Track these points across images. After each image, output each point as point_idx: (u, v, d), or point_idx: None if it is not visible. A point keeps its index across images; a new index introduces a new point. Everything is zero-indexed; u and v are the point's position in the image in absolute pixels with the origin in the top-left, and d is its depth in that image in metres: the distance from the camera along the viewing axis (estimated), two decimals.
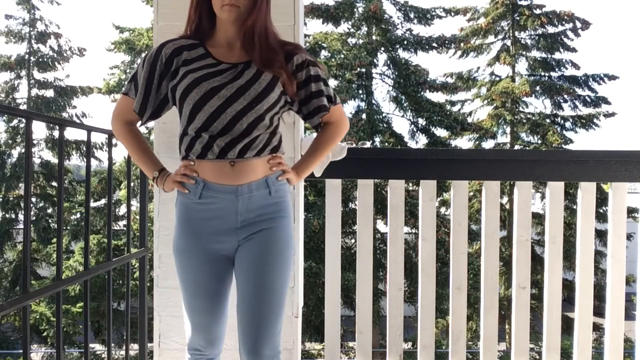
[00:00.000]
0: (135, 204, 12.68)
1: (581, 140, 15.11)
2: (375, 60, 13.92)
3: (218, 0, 1.57)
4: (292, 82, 1.61)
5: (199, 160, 1.57)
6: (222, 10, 1.56)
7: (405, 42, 14.07)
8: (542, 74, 15.27)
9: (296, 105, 1.67)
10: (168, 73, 1.63)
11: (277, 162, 1.61)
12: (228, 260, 1.59)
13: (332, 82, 13.08)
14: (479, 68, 15.71)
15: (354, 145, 2.24)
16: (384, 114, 13.85)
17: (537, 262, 9.42)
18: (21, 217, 14.67)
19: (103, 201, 14.15)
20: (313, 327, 11.44)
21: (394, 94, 14.16)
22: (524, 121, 15.06)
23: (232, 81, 1.56)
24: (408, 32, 14.28)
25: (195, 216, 1.58)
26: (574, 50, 15.24)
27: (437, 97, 14.90)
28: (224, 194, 1.55)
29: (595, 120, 15.09)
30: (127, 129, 1.69)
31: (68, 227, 13.94)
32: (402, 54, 14.18)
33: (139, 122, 1.70)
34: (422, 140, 14.19)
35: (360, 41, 14.07)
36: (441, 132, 14.42)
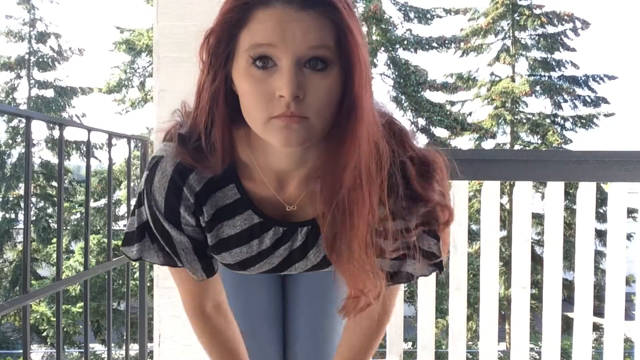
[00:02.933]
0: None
1: (581, 140, 15.12)
2: (375, 60, 13.92)
3: (260, 108, 0.86)
4: None
5: None
6: (272, 129, 0.86)
7: (405, 42, 14.07)
8: (542, 74, 15.27)
9: None
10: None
11: None
12: None
13: None
14: (478, 68, 15.71)
15: None
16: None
17: (537, 262, 9.42)
18: (21, 217, 14.66)
19: (103, 201, 14.15)
20: None
21: (394, 94, 14.16)
22: (524, 121, 15.06)
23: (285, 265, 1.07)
24: (408, 32, 14.29)
25: None
26: (573, 50, 15.24)
27: (437, 97, 14.92)
28: None
29: (595, 120, 15.09)
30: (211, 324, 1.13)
31: (68, 227, 13.94)
32: (402, 54, 14.19)
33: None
34: (422, 141, 14.20)
35: None
36: (441, 132, 14.43)
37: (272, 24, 0.83)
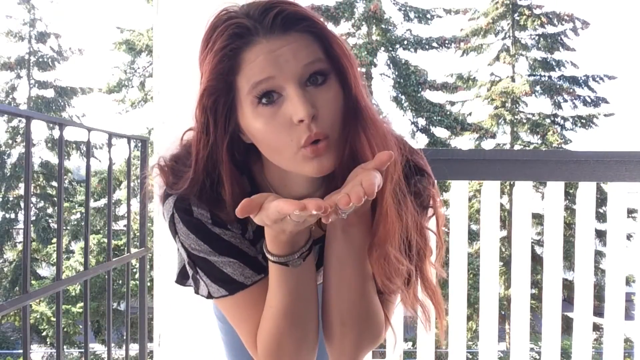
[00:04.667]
0: (135, 204, 12.69)
1: (581, 140, 15.12)
2: (375, 60, 13.92)
3: (284, 140, 0.85)
4: None
5: None
6: (303, 161, 0.85)
7: (405, 42, 14.08)
8: (542, 74, 15.27)
9: None
10: None
11: None
12: None
13: None
14: (478, 68, 15.71)
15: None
16: (384, 114, 13.86)
17: (537, 262, 9.42)
18: (21, 217, 14.67)
19: (103, 201, 14.16)
20: None
21: (394, 94, 14.16)
22: (524, 121, 15.06)
23: None
24: (408, 32, 14.29)
25: None
26: (573, 50, 15.25)
27: (437, 97, 14.92)
28: None
29: (594, 120, 15.10)
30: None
31: (68, 227, 13.94)
32: (402, 54, 14.19)
33: None
34: (422, 140, 14.20)
35: (360, 41, 14.08)
36: (441, 132, 14.44)
37: (263, 58, 0.84)
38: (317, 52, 0.86)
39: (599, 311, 2.45)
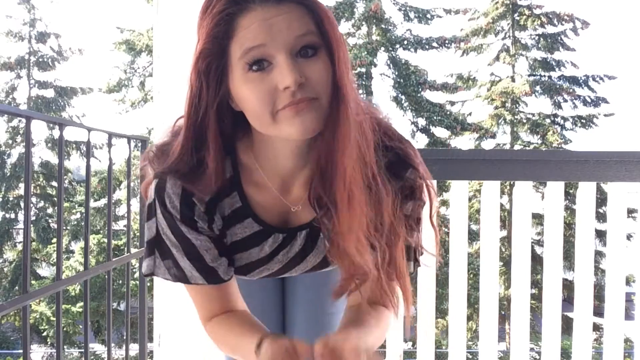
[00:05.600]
0: (135, 204, 12.69)
1: (581, 140, 15.12)
2: (375, 60, 13.92)
3: (266, 104, 0.86)
4: None
5: None
6: (283, 121, 0.86)
7: (405, 42, 14.08)
8: (542, 74, 15.27)
9: None
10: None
11: None
12: None
13: None
14: (478, 68, 15.70)
15: None
16: (384, 113, 13.86)
17: (537, 262, 9.42)
18: (21, 217, 14.66)
19: (103, 201, 14.15)
20: None
21: (394, 94, 14.16)
22: (524, 121, 15.05)
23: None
24: (408, 32, 14.29)
25: None
26: (573, 50, 15.25)
27: (437, 97, 14.92)
28: None
29: (594, 120, 15.10)
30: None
31: (68, 227, 13.94)
32: (402, 54, 14.19)
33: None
34: (422, 140, 14.20)
35: (361, 41, 14.08)
36: (441, 132, 14.44)
37: (257, 25, 0.85)
38: (309, 25, 0.87)
39: (599, 311, 2.45)
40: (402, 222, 0.99)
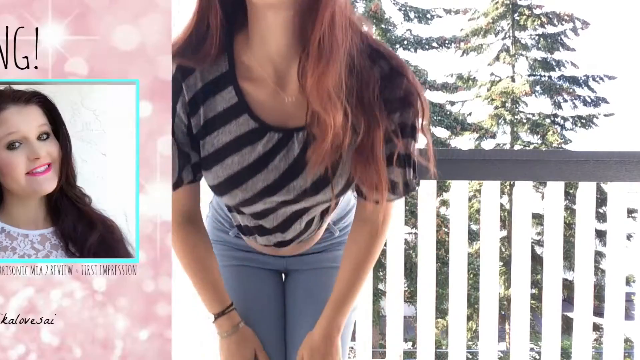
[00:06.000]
0: None
1: (581, 140, 15.12)
2: None
3: None
4: None
5: None
6: None
7: (405, 42, 14.08)
8: (542, 74, 15.27)
9: None
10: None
11: None
12: None
13: None
14: (478, 68, 15.71)
15: None
16: None
17: (537, 262, 9.42)
18: None
19: None
20: None
21: None
22: (524, 121, 15.06)
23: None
24: (408, 32, 14.30)
25: None
26: (573, 50, 15.25)
27: (437, 97, 14.91)
28: None
29: (594, 120, 15.11)
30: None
31: None
32: (402, 54, 14.18)
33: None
34: (422, 140, 14.18)
35: None
36: (441, 132, 14.43)
37: None
38: None
39: (599, 311, 2.46)
40: (383, 113, 0.99)
